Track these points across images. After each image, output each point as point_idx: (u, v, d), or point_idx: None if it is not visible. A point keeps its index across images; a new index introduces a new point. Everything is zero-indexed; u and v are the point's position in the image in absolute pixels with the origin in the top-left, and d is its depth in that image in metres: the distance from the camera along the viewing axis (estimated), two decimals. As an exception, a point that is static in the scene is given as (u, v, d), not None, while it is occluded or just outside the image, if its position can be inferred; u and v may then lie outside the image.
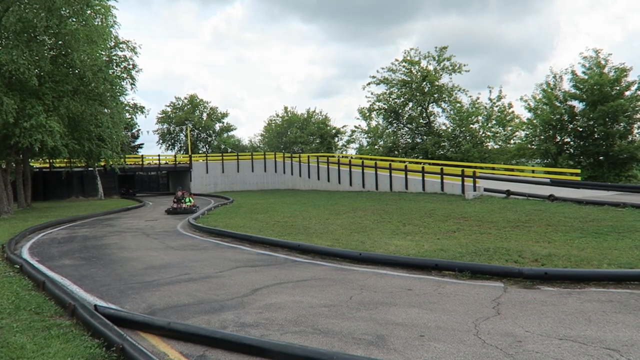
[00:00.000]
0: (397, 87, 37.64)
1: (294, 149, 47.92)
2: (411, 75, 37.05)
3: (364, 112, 39.79)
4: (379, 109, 39.06)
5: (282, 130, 51.49)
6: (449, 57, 36.27)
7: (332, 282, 7.20)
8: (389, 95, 38.22)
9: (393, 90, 37.97)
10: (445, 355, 4.24)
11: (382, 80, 37.84)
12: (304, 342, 4.69)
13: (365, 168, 27.92)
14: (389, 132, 38.86)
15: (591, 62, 30.40)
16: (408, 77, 37.05)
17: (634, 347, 4.33)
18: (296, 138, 48.77)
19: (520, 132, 34.58)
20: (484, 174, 24.48)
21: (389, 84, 37.79)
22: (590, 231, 11.14)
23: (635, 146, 28.51)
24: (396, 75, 37.58)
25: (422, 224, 13.30)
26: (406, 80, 37.00)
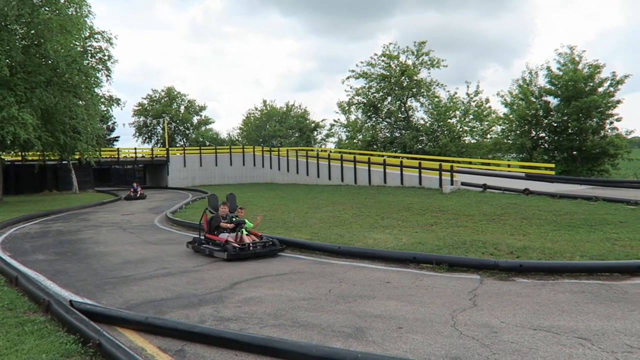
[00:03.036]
0: (376, 82, 37.74)
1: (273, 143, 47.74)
2: (390, 69, 37.18)
3: (343, 106, 39.82)
4: (358, 103, 39.14)
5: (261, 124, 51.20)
6: (428, 52, 36.51)
7: (312, 276, 7.23)
8: (368, 89, 38.31)
9: (372, 84, 38.07)
10: (422, 347, 4.30)
11: (361, 75, 37.90)
12: (283, 335, 4.69)
13: (344, 162, 27.99)
14: (368, 127, 38.97)
15: (566, 58, 30.98)
16: (387, 72, 37.18)
17: (604, 336, 4.45)
18: (275, 132, 48.56)
19: (497, 127, 35.08)
20: (461, 168, 24.79)
21: (368, 78, 37.87)
22: (563, 224, 11.40)
23: (607, 141, 29.20)
24: (375, 70, 37.69)
25: (401, 218, 13.42)
26: (385, 74, 37.12)
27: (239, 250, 8.66)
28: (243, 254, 8.67)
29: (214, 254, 8.94)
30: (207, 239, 9.51)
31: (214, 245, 9.17)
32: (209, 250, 9.08)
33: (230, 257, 8.52)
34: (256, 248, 8.84)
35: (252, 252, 8.76)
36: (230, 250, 8.58)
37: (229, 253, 8.55)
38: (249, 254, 8.73)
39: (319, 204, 17.73)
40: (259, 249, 8.85)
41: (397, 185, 23.65)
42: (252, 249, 8.80)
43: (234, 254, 8.56)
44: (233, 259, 8.53)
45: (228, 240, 8.95)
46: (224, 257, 8.60)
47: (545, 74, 31.69)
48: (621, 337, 4.43)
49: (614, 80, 29.60)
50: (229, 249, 8.60)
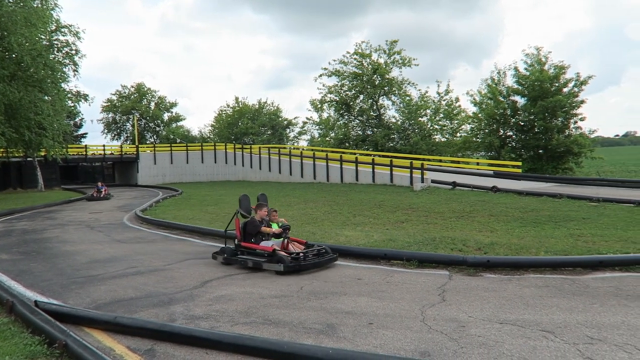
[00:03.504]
0: (349, 80, 37.92)
1: (245, 140, 47.39)
2: (362, 67, 37.40)
3: (315, 103, 39.86)
4: (330, 101, 39.24)
5: (232, 121, 50.71)
6: (399, 51, 36.85)
7: (283, 273, 7.22)
8: (340, 87, 38.46)
9: (344, 82, 38.23)
10: (392, 342, 4.37)
11: (334, 73, 38.01)
12: (254, 333, 4.69)
13: (317, 160, 28.04)
14: (340, 124, 39.13)
15: (532, 59, 31.75)
16: (359, 70, 37.38)
17: (567, 329, 4.61)
18: (247, 129, 48.22)
19: (466, 126, 35.74)
20: (432, 166, 25.17)
21: (340, 76, 38.01)
22: (529, 221, 11.72)
23: (572, 140, 30.09)
24: (347, 68, 37.85)
25: (372, 215, 13.54)
26: (357, 72, 37.32)
27: (296, 260, 7.18)
28: (304, 265, 7.16)
29: (261, 266, 7.36)
30: (244, 248, 7.84)
31: (256, 255, 7.61)
32: (252, 262, 7.48)
33: (288, 270, 7.05)
34: (309, 257, 7.35)
35: (311, 262, 7.26)
36: (287, 261, 7.09)
37: (286, 265, 7.05)
38: (308, 265, 7.20)
39: (291, 202, 17.73)
40: (315, 259, 7.36)
41: (369, 183, 23.83)
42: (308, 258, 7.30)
43: (292, 266, 7.07)
44: (290, 271, 7.08)
45: (275, 249, 7.42)
46: (280, 270, 7.08)
47: (513, 74, 32.44)
48: (582, 329, 4.60)
49: (578, 81, 30.51)
50: (285, 260, 7.10)
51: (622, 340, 4.30)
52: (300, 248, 7.63)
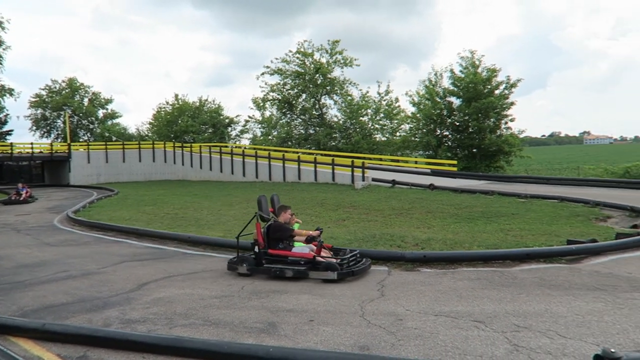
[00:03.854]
0: (291, 78, 37.92)
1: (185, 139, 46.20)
2: (304, 67, 37.51)
3: (257, 102, 39.52)
4: (272, 100, 39.07)
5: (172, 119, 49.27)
6: (341, 51, 37.28)
7: (224, 273, 7.14)
8: (282, 86, 38.38)
9: (287, 81, 38.20)
10: (333, 338, 4.44)
11: (276, 71, 37.87)
12: (194, 334, 4.62)
13: (259, 158, 27.85)
14: (283, 123, 39.06)
15: (467, 62, 33.13)
16: (301, 69, 37.47)
17: (496, 318, 4.88)
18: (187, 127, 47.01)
19: (406, 126, 36.74)
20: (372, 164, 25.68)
21: (282, 75, 37.93)
22: (464, 217, 12.24)
23: (503, 140, 31.69)
24: (290, 67, 37.84)
25: (314, 213, 13.64)
26: (300, 71, 37.39)
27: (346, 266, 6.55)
28: (356, 271, 6.56)
29: (306, 275, 6.55)
30: (274, 256, 6.94)
31: (289, 263, 6.80)
32: (293, 271, 6.61)
33: (341, 277, 6.40)
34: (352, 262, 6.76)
35: (360, 268, 6.66)
36: (338, 267, 6.43)
37: (339, 272, 6.40)
38: (358, 272, 6.60)
39: (233, 201, 17.52)
40: (361, 265, 6.78)
41: (311, 182, 23.97)
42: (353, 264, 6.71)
43: (345, 273, 6.44)
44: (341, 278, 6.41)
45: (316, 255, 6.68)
46: (333, 278, 6.38)
47: (449, 76, 33.69)
48: (510, 318, 4.88)
49: (509, 84, 32.20)
50: (336, 267, 6.42)
51: (545, 326, 4.60)
52: (329, 253, 6.99)
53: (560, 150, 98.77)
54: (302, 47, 37.58)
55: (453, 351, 4.07)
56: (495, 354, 3.99)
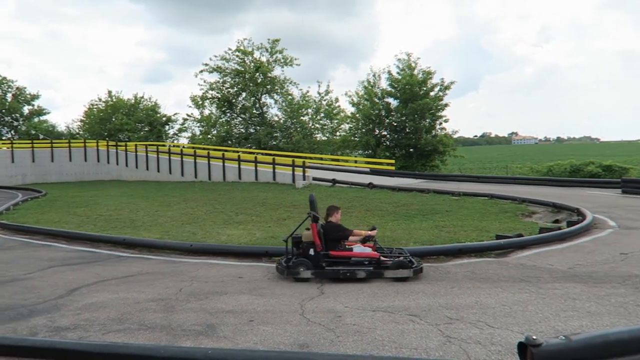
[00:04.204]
0: (231, 77, 37.35)
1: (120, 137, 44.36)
2: (244, 65, 37.08)
3: (196, 100, 38.62)
4: (212, 98, 38.32)
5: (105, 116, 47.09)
6: (281, 50, 37.18)
7: (161, 276, 6.96)
8: (222, 84, 37.73)
9: (226, 79, 37.58)
10: (272, 337, 4.45)
11: (215, 69, 37.16)
12: (129, 339, 4.47)
13: (198, 158, 27.27)
14: (223, 122, 38.42)
15: (404, 64, 34.11)
16: (241, 67, 37.01)
17: (430, 312, 5.07)
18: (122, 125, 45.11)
19: (345, 125, 37.26)
20: (313, 164, 25.85)
21: (222, 73, 37.29)
22: (401, 214, 12.61)
23: (438, 140, 32.92)
24: (229, 65, 37.25)
25: (255, 213, 13.56)
26: (239, 70, 36.92)
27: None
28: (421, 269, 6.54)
29: (382, 275, 6.39)
30: (337, 257, 6.62)
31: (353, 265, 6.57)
32: (366, 272, 6.39)
33: (415, 274, 6.38)
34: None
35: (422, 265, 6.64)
36: (410, 265, 6.44)
37: (415, 269, 6.39)
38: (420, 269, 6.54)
39: (170, 202, 17.05)
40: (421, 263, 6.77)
41: (252, 181, 23.78)
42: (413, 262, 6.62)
43: (418, 269, 6.43)
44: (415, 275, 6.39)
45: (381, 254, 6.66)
46: (409, 276, 6.34)
47: (387, 77, 34.54)
48: (443, 311, 5.09)
49: (443, 86, 33.48)
50: (408, 264, 6.43)
51: (475, 318, 4.84)
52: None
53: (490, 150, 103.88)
54: (241, 45, 37.15)
55: (390, 345, 4.19)
56: (429, 345, 4.16)
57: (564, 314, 4.92)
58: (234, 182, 24.19)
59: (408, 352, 4.03)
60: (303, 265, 6.49)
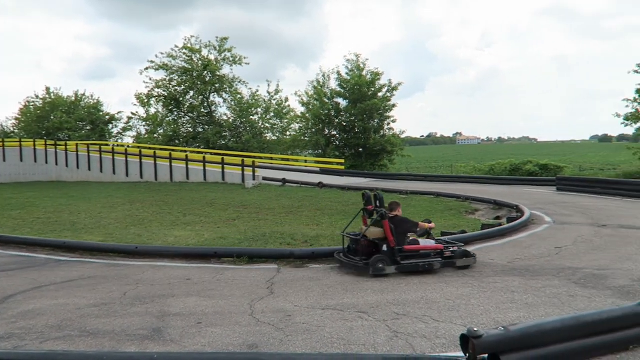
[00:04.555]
0: (178, 75, 36.43)
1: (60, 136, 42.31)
2: (192, 63, 36.27)
3: (142, 98, 37.39)
4: (158, 96, 37.24)
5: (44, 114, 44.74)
6: (230, 49, 36.65)
7: (104, 280, 6.71)
8: (169, 82, 36.72)
9: (173, 77, 36.61)
10: (221, 338, 4.39)
11: (162, 66, 36.13)
12: (70, 347, 4.28)
13: (144, 158, 26.45)
14: (170, 121, 37.41)
15: (352, 64, 34.51)
16: (189, 65, 36.18)
17: (378, 308, 5.17)
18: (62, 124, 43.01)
19: (295, 125, 37.25)
20: (263, 163, 25.70)
21: (169, 71, 36.29)
22: (350, 213, 12.73)
23: (386, 140, 33.53)
24: (177, 62, 36.30)
25: (203, 214, 13.32)
26: (187, 68, 36.07)
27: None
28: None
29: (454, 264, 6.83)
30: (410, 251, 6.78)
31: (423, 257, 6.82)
32: (441, 263, 6.77)
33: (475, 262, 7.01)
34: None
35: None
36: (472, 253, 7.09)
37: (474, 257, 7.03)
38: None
39: (114, 203, 16.45)
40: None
41: (201, 181, 23.34)
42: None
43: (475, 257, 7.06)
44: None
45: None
46: (473, 263, 6.96)
47: (336, 78, 34.82)
48: (391, 307, 5.21)
49: (390, 87, 34.14)
50: (471, 253, 7.07)
51: (421, 313, 4.98)
52: None
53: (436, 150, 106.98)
54: (189, 42, 36.32)
55: (338, 342, 4.24)
56: (377, 341, 4.24)
57: (503, 306, 5.15)
58: (181, 183, 23.65)
59: (357, 349, 4.10)
60: (382, 261, 6.57)
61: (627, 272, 6.51)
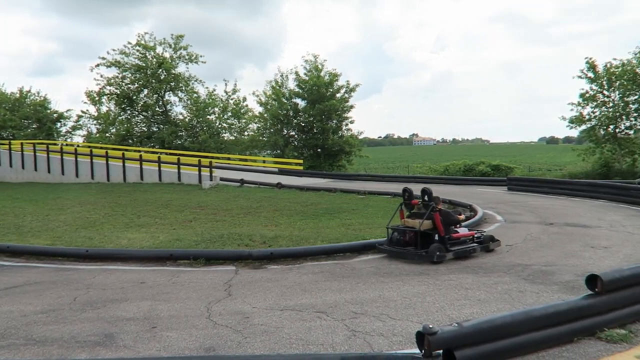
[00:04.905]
0: (131, 72, 35.37)
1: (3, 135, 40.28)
2: (146, 60, 35.31)
3: (92, 96, 36.07)
4: (110, 94, 36.04)
5: (-16, 112, 42.55)
6: (186, 47, 35.90)
7: (52, 285, 6.42)
8: (121, 79, 35.59)
9: (126, 74, 35.52)
10: (177, 342, 4.29)
11: (114, 63, 34.97)
12: (14, 356, 4.08)
13: (95, 158, 25.53)
14: (122, 120, 36.29)
15: (311, 65, 34.56)
16: (143, 63, 35.19)
17: (337, 308, 5.20)
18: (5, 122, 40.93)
19: (253, 125, 36.94)
20: (220, 164, 25.34)
21: (121, 68, 35.16)
22: (309, 214, 12.77)
23: (344, 140, 33.77)
24: (130, 59, 35.21)
25: (158, 215, 13.00)
26: (141, 65, 35.08)
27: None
28: None
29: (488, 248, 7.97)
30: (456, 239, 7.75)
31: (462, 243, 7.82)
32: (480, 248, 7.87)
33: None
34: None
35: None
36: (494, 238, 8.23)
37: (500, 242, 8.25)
38: None
39: (63, 205, 15.79)
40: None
41: (155, 182, 22.76)
42: None
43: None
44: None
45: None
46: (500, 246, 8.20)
47: (294, 78, 34.78)
48: (349, 306, 5.24)
49: (348, 88, 34.42)
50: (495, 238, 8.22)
51: (378, 311, 5.04)
52: None
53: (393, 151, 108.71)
54: (142, 39, 35.32)
55: (297, 342, 4.24)
56: (335, 340, 4.26)
57: (457, 303, 5.29)
58: (135, 184, 22.97)
59: (315, 349, 4.11)
60: (440, 249, 7.35)
61: (572, 268, 6.83)
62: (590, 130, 27.85)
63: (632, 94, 26.56)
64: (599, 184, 16.95)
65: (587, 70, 27.50)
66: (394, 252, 7.67)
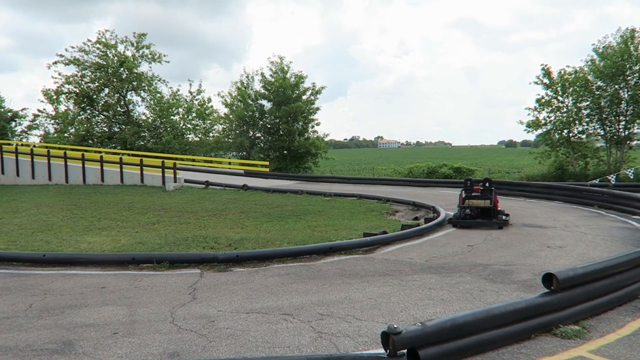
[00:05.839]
0: (91, 70, 34.38)
1: (-48, 134, 38.44)
2: (107, 59, 34.41)
3: (50, 94, 34.89)
4: (69, 93, 34.93)
5: None
6: (148, 45, 35.20)
7: (6, 291, 6.17)
8: (81, 78, 34.56)
9: (86, 73, 34.51)
10: (140, 348, 4.21)
11: (73, 61, 33.91)
12: (-35, 367, 3.90)
13: (52, 158, 24.68)
14: (82, 119, 35.23)
15: (276, 67, 34.49)
16: (103, 61, 34.28)
17: (303, 309, 5.21)
18: (-45, 120, 39.18)
19: (219, 126, 36.56)
20: (185, 165, 24.97)
21: (80, 66, 34.13)
22: (275, 216, 12.75)
23: (310, 142, 33.84)
24: (89, 57, 34.24)
25: (120, 218, 12.70)
26: (101, 63, 34.16)
27: None
28: None
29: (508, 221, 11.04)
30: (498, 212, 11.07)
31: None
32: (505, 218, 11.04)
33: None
34: None
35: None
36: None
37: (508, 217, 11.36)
38: None
39: (18, 207, 15.20)
40: None
41: (117, 184, 22.21)
42: None
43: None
44: None
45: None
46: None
47: (260, 79, 34.63)
48: (315, 308, 5.26)
49: (314, 90, 34.53)
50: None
51: (344, 312, 5.08)
52: None
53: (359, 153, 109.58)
54: (103, 37, 34.42)
55: (263, 345, 4.22)
56: (302, 342, 4.27)
57: (421, 303, 5.39)
58: (95, 185, 22.35)
59: (281, 351, 4.10)
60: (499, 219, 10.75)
61: (530, 267, 7.07)
62: (545, 134, 28.92)
63: (584, 100, 27.75)
64: (554, 186, 17.62)
65: (543, 76, 28.62)
66: (467, 223, 10.63)
